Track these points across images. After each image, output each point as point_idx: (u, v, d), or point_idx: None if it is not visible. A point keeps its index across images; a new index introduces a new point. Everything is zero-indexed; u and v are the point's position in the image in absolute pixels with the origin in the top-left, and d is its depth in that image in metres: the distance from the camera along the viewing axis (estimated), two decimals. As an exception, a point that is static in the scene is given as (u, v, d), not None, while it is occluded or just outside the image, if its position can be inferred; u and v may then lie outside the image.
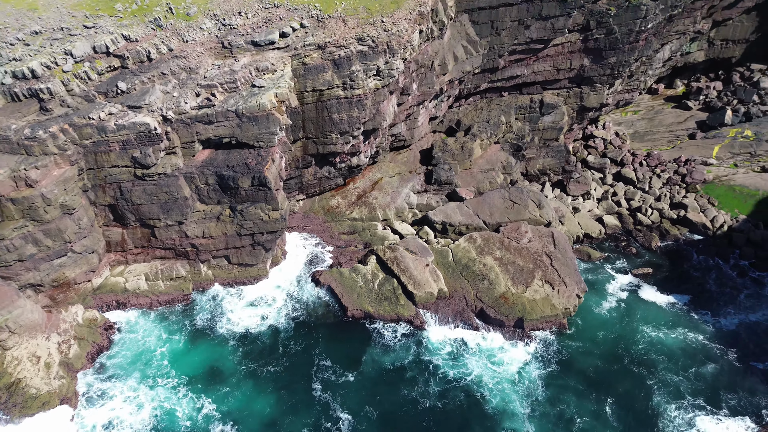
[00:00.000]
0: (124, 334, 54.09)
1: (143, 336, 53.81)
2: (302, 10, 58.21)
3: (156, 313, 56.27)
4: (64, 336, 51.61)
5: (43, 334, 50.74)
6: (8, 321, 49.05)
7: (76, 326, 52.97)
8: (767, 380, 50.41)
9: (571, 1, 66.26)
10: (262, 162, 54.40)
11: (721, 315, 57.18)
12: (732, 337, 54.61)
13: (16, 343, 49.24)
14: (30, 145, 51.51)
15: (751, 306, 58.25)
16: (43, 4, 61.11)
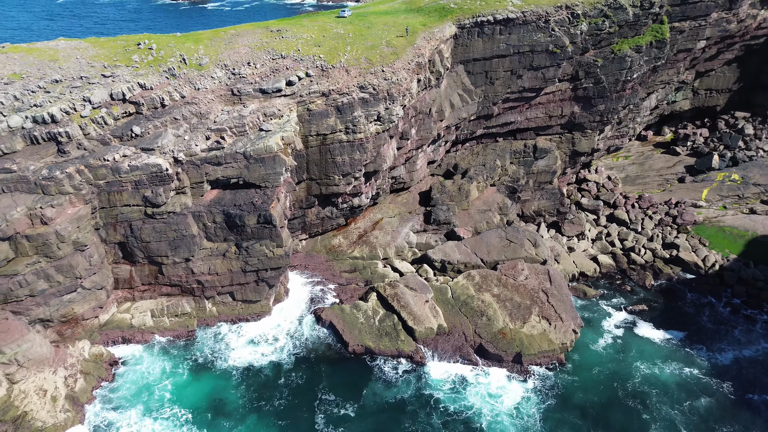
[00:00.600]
0: (129, 366, 55.03)
1: (147, 369, 54.72)
2: (308, 60, 62.10)
3: (160, 347, 57.33)
4: (70, 370, 52.55)
5: (51, 368, 51.71)
6: (17, 355, 50.15)
7: (82, 361, 53.97)
8: (763, 413, 51.07)
9: (561, 53, 70.53)
10: (268, 201, 56.85)
11: (715, 350, 58.24)
12: (727, 372, 55.51)
13: (24, 377, 50.15)
14: (47, 185, 53.98)
15: (745, 341, 59.37)
16: (63, 55, 65.11)
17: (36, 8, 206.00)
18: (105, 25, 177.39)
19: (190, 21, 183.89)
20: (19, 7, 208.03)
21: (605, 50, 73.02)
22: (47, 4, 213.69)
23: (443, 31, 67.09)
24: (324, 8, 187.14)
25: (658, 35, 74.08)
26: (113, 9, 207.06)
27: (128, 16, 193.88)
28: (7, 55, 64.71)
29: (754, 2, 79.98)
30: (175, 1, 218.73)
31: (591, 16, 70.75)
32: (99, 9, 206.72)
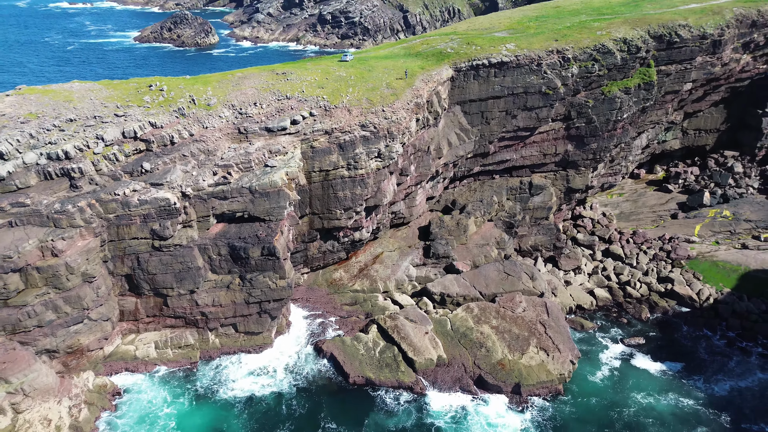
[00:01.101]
0: (132, 395, 55.66)
1: (149, 399, 55.31)
2: (311, 101, 65.12)
3: (162, 377, 58.05)
4: (75, 400, 53.16)
5: (56, 398, 52.36)
6: (24, 384, 50.93)
7: (86, 391, 54.64)
8: (761, 444, 51.51)
9: (553, 94, 73.79)
10: (272, 233, 58.70)
11: (712, 381, 58.93)
12: (724, 402, 56.10)
13: (29, 407, 50.77)
14: (59, 218, 55.92)
15: (741, 372, 60.12)
16: (78, 96, 68.20)
17: (47, 54, 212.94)
18: (114, 71, 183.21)
19: (196, 66, 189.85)
20: (30, 53, 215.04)
21: (596, 92, 76.37)
22: (58, 50, 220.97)
23: (440, 74, 70.50)
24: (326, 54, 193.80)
25: (645, 78, 77.60)
26: (122, 55, 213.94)
27: (137, 62, 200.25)
28: (24, 96, 67.85)
29: (737, 47, 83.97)
30: (182, 48, 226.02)
31: (581, 60, 74.35)
32: (108, 55, 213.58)
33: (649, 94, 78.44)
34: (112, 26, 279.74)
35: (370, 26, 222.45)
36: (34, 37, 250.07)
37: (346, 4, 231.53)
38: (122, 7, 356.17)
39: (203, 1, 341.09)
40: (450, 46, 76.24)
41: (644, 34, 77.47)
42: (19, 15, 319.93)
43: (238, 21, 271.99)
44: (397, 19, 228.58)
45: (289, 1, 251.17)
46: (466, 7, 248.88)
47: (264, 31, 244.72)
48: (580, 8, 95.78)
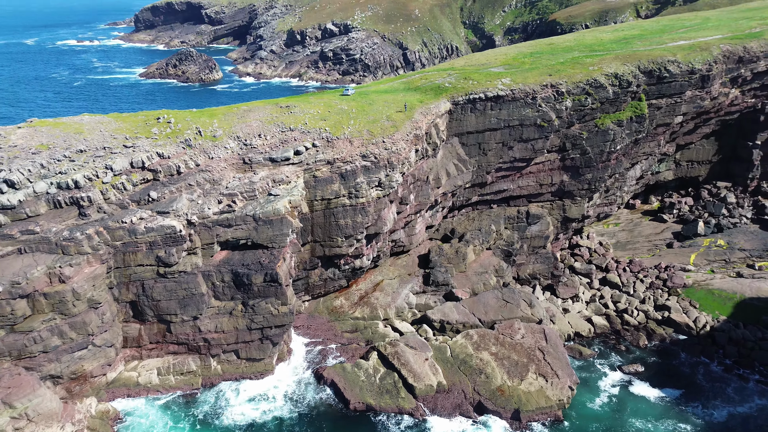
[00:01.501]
0: (134, 418, 56.02)
1: (150, 424, 55.62)
2: (314, 132, 67.35)
3: (163, 403, 58.48)
4: (77, 426, 53.53)
5: (59, 424, 52.74)
6: (28, 409, 51.45)
7: (89, 417, 55.02)
8: (760, 470, 51.64)
9: (548, 126, 76.19)
10: (275, 260, 60.02)
11: (710, 407, 59.31)
12: (723, 429, 56.40)
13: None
14: (67, 245, 57.34)
15: (739, 399, 60.52)
16: (88, 128, 70.45)
17: (54, 89, 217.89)
18: (120, 105, 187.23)
19: (200, 101, 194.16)
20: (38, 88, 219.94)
21: (589, 124, 78.82)
22: (65, 85, 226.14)
23: (439, 107, 73.03)
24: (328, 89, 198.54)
25: (637, 111, 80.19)
26: (128, 90, 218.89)
27: (142, 97, 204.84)
28: (35, 128, 70.06)
29: (725, 81, 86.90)
30: (186, 84, 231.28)
31: (574, 94, 77.02)
32: (114, 90, 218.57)
33: (641, 126, 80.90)
34: (119, 63, 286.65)
35: (370, 63, 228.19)
36: (42, 73, 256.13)
37: (347, 41, 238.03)
38: (128, 45, 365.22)
39: (208, 38, 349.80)
40: (448, 80, 79.07)
41: (635, 69, 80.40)
42: (27, 52, 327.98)
43: (241, 58, 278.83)
44: (396, 56, 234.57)
45: (292, 39, 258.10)
46: (464, 44, 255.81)
47: (267, 67, 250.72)
48: (573, 45, 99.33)
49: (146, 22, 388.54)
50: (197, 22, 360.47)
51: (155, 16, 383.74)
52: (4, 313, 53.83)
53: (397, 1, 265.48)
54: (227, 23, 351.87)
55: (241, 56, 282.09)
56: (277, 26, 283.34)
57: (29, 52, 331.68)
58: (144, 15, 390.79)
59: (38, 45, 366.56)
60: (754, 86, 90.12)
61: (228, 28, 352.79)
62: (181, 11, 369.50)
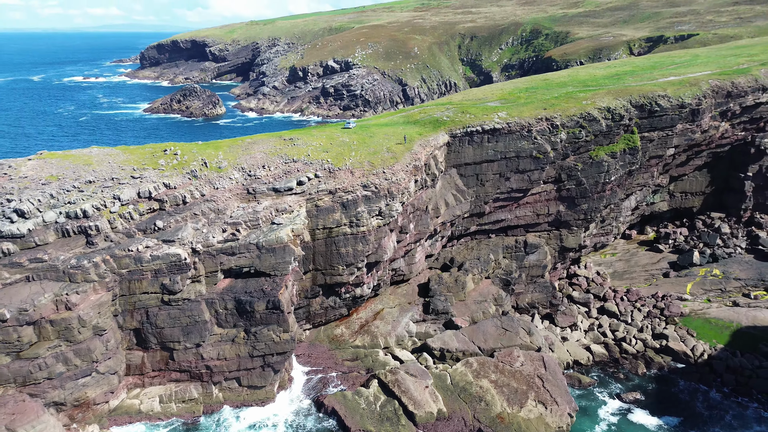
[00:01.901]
0: (136, 447, 56.19)
1: (154, 453, 55.79)
2: (316, 164, 69.42)
3: (164, 429, 58.68)
4: (79, 453, 53.71)
5: (61, 450, 52.97)
6: (30, 435, 51.76)
7: (91, 444, 55.22)
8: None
9: (543, 158, 78.38)
10: (277, 287, 61.18)
11: (709, 435, 59.56)
12: (722, 456, 56.53)
13: (34, 458, 51.38)
14: (74, 273, 58.59)
15: (738, 427, 60.72)
16: (97, 160, 72.55)
17: (61, 124, 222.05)
18: (124, 140, 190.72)
19: (203, 134, 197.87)
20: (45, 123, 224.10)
21: (584, 156, 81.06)
22: (70, 120, 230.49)
23: (437, 139, 75.36)
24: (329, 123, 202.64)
25: (630, 143, 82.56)
26: (132, 124, 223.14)
27: (146, 131, 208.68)
28: (45, 160, 72.18)
29: (714, 115, 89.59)
30: (190, 119, 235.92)
31: (569, 127, 79.50)
32: (119, 125, 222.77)
33: (634, 158, 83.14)
34: (124, 99, 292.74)
35: (370, 98, 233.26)
36: (48, 108, 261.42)
37: (348, 78, 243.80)
38: (134, 81, 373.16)
39: (211, 75, 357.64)
40: (446, 114, 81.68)
41: (626, 103, 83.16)
42: (34, 88, 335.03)
43: (244, 93, 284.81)
44: (396, 92, 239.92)
45: (294, 75, 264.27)
46: (462, 80, 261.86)
47: (269, 102, 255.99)
48: (567, 81, 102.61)
49: (151, 60, 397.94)
50: (201, 59, 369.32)
51: (160, 53, 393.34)
52: (10, 339, 54.72)
53: (397, 40, 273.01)
54: (231, 60, 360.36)
55: (244, 92, 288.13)
56: (280, 63, 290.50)
57: (36, 88, 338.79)
58: (149, 53, 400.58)
59: (45, 81, 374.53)
60: (743, 120, 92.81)
61: (231, 65, 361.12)
62: (185, 49, 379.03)
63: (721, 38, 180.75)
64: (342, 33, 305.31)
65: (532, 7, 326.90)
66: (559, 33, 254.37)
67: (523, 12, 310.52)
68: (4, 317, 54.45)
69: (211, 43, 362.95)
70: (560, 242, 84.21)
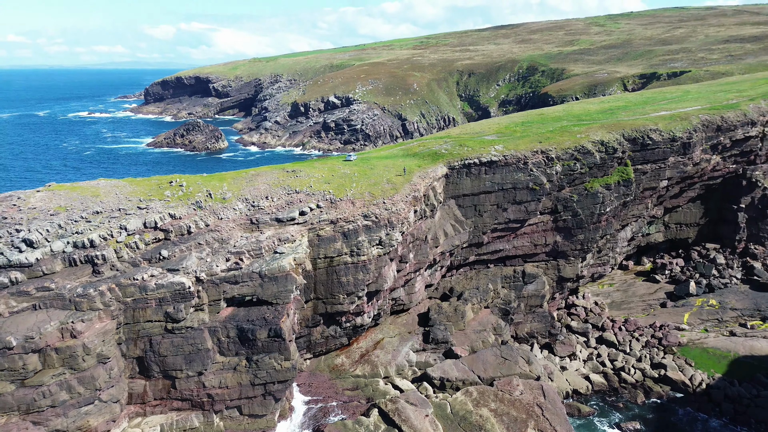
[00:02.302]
0: (138, 479, 56.08)
1: (155, 482, 55.73)
2: (318, 194, 71.29)
3: (169, 461, 58.70)
4: (80, 481, 53.77)
5: (62, 478, 53.07)
6: (32, 463, 52.00)
7: (91, 473, 55.29)
8: None
9: (540, 190, 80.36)
10: (279, 316, 62.19)
11: (709, 464, 59.62)
12: (722, 485, 56.56)
13: (36, 487, 51.50)
14: (80, 302, 59.71)
15: (738, 455, 60.91)
16: (104, 191, 74.44)
17: (64, 158, 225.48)
18: (128, 173, 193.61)
19: (206, 168, 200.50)
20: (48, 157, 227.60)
21: (579, 187, 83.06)
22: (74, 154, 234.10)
23: (436, 171, 77.48)
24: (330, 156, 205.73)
25: (624, 175, 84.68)
26: (136, 158, 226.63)
27: (149, 166, 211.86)
28: (54, 192, 74.02)
29: (705, 148, 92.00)
30: (192, 152, 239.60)
31: (564, 159, 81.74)
32: (123, 158, 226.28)
33: (628, 190, 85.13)
34: (128, 133, 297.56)
35: (370, 133, 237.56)
36: (53, 142, 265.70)
37: (349, 113, 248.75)
38: (138, 117, 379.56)
39: (214, 110, 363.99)
40: (444, 147, 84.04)
41: (619, 137, 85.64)
42: (39, 123, 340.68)
43: (246, 128, 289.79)
44: (396, 127, 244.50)
45: (296, 111, 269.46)
46: (460, 115, 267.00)
47: (271, 137, 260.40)
48: (562, 115, 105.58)
49: (155, 95, 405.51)
50: (204, 95, 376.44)
51: (164, 89, 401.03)
52: (16, 367, 55.48)
53: (397, 76, 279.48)
54: (233, 96, 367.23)
55: (247, 127, 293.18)
56: (282, 99, 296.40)
57: (41, 123, 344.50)
58: (154, 89, 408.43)
59: (50, 116, 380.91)
60: (734, 153, 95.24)
61: (234, 101, 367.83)
62: (189, 85, 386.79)
63: (713, 75, 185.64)
64: (343, 70, 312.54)
65: (528, 45, 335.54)
66: (554, 70, 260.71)
67: (520, 50, 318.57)
68: (10, 345, 55.33)
69: (215, 80, 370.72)
70: (558, 272, 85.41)
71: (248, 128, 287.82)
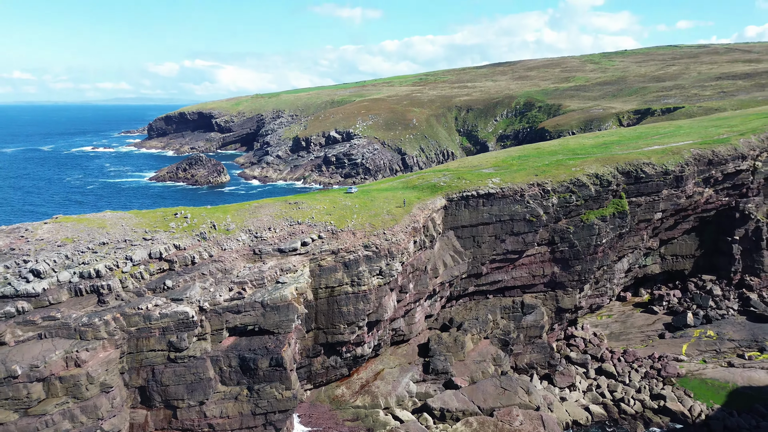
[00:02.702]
0: None
1: None
2: (320, 225, 72.97)
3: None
4: None
5: None
6: (33, 493, 52.11)
7: (92, 503, 55.22)
8: None
9: (537, 221, 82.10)
10: (280, 345, 63.02)
11: (709, 495, 59.48)
12: None
13: None
14: (85, 331, 60.65)
15: (738, 487, 60.80)
16: (110, 223, 76.18)
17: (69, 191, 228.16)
18: (131, 207, 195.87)
19: (207, 201, 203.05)
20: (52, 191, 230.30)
21: (575, 219, 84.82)
22: (78, 188, 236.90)
23: (435, 203, 79.38)
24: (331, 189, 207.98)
25: (619, 207, 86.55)
26: (139, 191, 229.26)
27: (152, 199, 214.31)
28: (61, 224, 75.73)
29: (698, 182, 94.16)
30: (195, 186, 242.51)
31: (559, 192, 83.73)
32: (126, 192, 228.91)
33: (623, 221, 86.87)
34: (131, 167, 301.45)
35: (371, 166, 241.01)
36: (56, 176, 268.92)
37: (350, 147, 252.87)
38: (141, 151, 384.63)
39: (216, 145, 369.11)
40: (443, 180, 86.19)
41: (614, 170, 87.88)
42: (43, 158, 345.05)
43: (248, 162, 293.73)
44: (395, 161, 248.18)
45: (297, 145, 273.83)
46: (459, 150, 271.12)
47: (272, 171, 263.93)
48: (558, 149, 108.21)
49: (159, 130, 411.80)
50: (207, 130, 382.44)
51: (168, 124, 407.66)
52: (20, 396, 56.05)
53: (396, 111, 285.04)
54: (236, 131, 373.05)
55: (248, 161, 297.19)
56: (284, 134, 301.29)
57: (45, 157, 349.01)
58: (157, 124, 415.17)
59: (54, 151, 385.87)
60: (726, 186, 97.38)
61: (236, 136, 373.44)
62: (192, 120, 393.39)
63: (705, 110, 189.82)
64: (344, 105, 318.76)
65: (525, 81, 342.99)
66: (551, 105, 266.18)
67: (517, 86, 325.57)
68: (15, 373, 56.05)
69: (218, 115, 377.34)
70: (556, 303, 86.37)
71: (250, 162, 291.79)
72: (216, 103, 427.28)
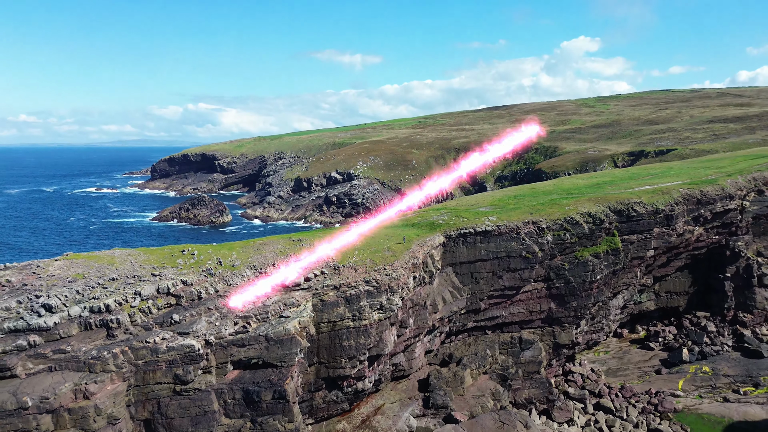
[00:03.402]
0: None
1: None
2: (322, 261, 75.52)
3: None
4: None
5: None
6: None
7: None
8: None
9: (532, 258, 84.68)
10: (283, 378, 64.66)
11: None
12: None
13: None
14: (94, 364, 62.43)
15: None
16: (120, 260, 78.76)
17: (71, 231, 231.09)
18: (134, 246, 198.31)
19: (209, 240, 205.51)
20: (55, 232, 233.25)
21: (570, 256, 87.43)
22: (80, 228, 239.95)
23: (433, 240, 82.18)
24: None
25: (612, 245, 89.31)
26: (141, 231, 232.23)
27: (154, 239, 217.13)
28: (71, 260, 78.34)
29: (688, 220, 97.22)
30: (197, 226, 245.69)
31: (554, 230, 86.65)
32: (128, 232, 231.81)
33: (617, 258, 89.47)
34: (133, 208, 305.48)
35: (371, 206, 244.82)
36: (60, 215, 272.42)
37: (350, 187, 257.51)
38: (144, 192, 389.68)
39: (219, 186, 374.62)
40: (441, 218, 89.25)
41: (606, 209, 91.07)
42: (47, 199, 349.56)
43: (250, 203, 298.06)
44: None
45: (299, 186, 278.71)
46: (458, 190, 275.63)
47: (274, 210, 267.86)
48: (552, 189, 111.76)
49: (162, 172, 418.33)
50: (210, 171, 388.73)
51: (171, 166, 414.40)
52: (29, 427, 57.45)
53: (396, 153, 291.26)
54: (238, 172, 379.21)
55: (250, 201, 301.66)
56: (285, 175, 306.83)
57: (49, 198, 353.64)
58: (161, 165, 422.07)
59: (58, 192, 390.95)
60: (715, 224, 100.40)
61: (239, 176, 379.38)
62: (195, 161, 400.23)
63: (698, 152, 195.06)
64: (345, 147, 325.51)
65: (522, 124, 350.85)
66: (547, 147, 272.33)
67: (513, 129, 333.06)
68: (26, 405, 57.61)
69: (220, 156, 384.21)
70: (554, 338, 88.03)
71: (252, 202, 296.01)
72: (219, 144, 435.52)
